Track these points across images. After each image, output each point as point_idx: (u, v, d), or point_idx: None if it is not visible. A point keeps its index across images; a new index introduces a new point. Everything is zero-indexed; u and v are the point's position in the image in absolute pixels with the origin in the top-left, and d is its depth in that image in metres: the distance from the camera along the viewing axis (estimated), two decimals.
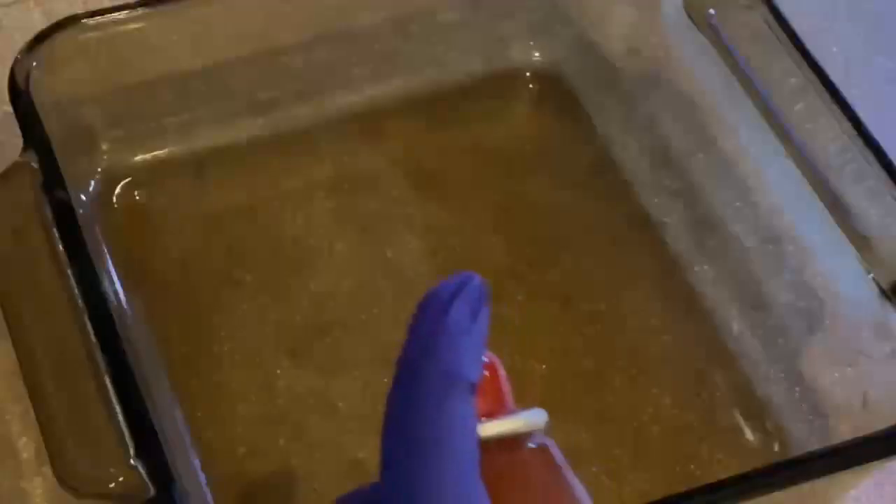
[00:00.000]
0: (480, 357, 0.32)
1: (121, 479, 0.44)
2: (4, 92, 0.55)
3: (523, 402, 0.57)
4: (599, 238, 0.64)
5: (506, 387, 0.34)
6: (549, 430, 0.35)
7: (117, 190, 0.62)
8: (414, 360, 0.31)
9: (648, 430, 0.58)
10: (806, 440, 0.58)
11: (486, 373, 0.34)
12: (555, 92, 0.69)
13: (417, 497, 0.29)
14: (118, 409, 0.45)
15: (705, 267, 0.63)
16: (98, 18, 0.57)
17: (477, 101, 0.68)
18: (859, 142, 0.56)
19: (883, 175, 0.55)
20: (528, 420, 0.33)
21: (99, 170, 0.62)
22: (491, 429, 0.32)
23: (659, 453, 0.57)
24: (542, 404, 0.57)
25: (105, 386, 0.46)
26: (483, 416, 0.32)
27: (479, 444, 0.31)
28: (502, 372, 0.34)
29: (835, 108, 0.57)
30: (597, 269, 0.63)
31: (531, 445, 0.33)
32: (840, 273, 0.57)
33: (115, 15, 0.57)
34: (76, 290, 0.48)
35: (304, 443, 0.56)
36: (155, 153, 0.64)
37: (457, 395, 0.30)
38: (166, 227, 0.62)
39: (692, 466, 0.57)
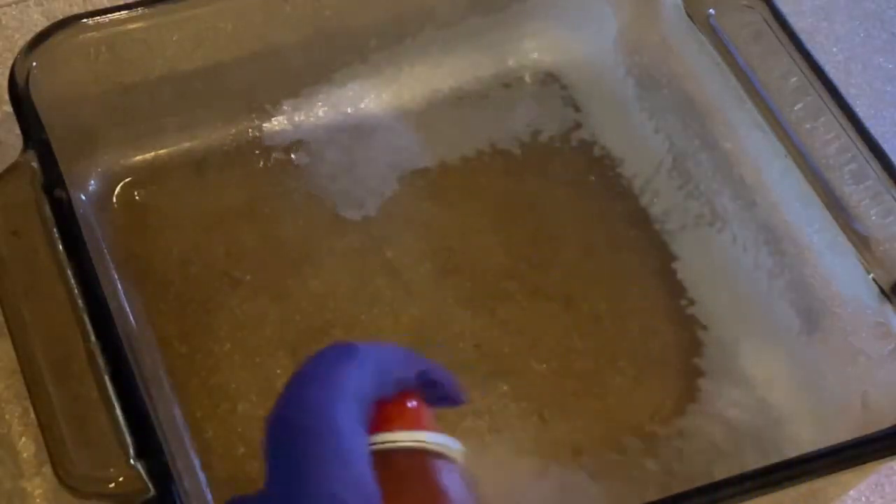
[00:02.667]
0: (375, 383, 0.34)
1: (121, 479, 0.44)
2: (4, 92, 0.55)
3: (524, 402, 0.58)
4: (599, 238, 0.64)
5: (427, 414, 0.36)
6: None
7: (117, 190, 0.62)
8: (306, 373, 0.33)
9: (648, 430, 0.58)
10: (806, 440, 0.58)
11: (414, 403, 0.35)
12: (555, 92, 0.69)
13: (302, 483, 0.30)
14: (118, 409, 0.45)
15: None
16: (98, 18, 0.57)
17: (477, 101, 0.68)
18: (859, 142, 0.56)
19: (883, 175, 0.55)
20: (430, 439, 0.34)
21: (99, 170, 0.62)
22: (391, 438, 0.33)
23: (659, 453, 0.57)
24: (542, 404, 0.58)
25: (105, 386, 0.46)
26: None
27: (384, 454, 0.33)
28: (427, 409, 0.36)
29: (835, 108, 0.57)
30: (597, 269, 0.63)
31: (448, 470, 0.34)
32: (840, 273, 0.57)
33: (115, 15, 0.57)
34: (76, 290, 0.48)
35: None
36: (155, 153, 0.63)
37: (342, 399, 0.32)
38: (166, 227, 0.62)
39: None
